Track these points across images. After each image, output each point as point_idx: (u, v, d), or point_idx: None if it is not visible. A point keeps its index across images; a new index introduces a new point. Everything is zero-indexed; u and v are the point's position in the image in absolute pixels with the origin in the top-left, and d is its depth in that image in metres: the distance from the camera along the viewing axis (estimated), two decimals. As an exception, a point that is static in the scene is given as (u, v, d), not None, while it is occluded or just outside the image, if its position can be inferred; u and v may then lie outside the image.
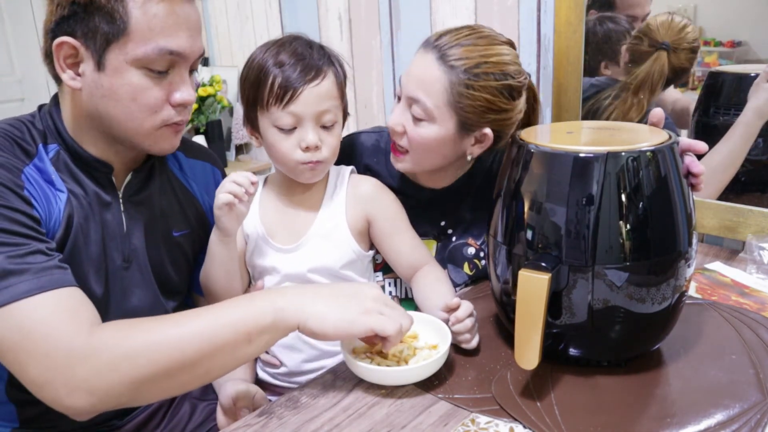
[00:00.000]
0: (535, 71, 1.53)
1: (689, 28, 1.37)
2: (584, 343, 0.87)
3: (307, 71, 1.00)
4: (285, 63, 1.01)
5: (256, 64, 1.03)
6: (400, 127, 1.08)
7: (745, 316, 1.00)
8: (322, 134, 1.03)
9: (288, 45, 1.04)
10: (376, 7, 1.86)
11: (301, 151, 1.02)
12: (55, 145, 0.94)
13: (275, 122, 1.02)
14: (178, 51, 0.88)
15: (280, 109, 1.00)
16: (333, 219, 1.09)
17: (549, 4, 1.46)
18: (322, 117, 1.02)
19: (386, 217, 1.12)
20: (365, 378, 0.88)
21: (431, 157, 1.10)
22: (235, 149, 2.56)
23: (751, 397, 0.80)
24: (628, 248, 0.80)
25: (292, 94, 0.99)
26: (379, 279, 1.21)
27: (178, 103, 0.91)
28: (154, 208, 1.03)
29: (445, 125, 1.05)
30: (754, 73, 1.30)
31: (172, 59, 0.88)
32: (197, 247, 1.11)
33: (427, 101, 1.03)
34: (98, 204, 0.96)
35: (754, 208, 1.27)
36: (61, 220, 0.90)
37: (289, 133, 1.02)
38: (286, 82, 0.99)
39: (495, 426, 0.79)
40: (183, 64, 0.91)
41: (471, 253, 1.19)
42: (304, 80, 1.00)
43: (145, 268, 1.01)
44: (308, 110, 1.00)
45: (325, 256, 1.08)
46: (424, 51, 1.06)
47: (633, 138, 0.86)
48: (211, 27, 2.54)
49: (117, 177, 0.98)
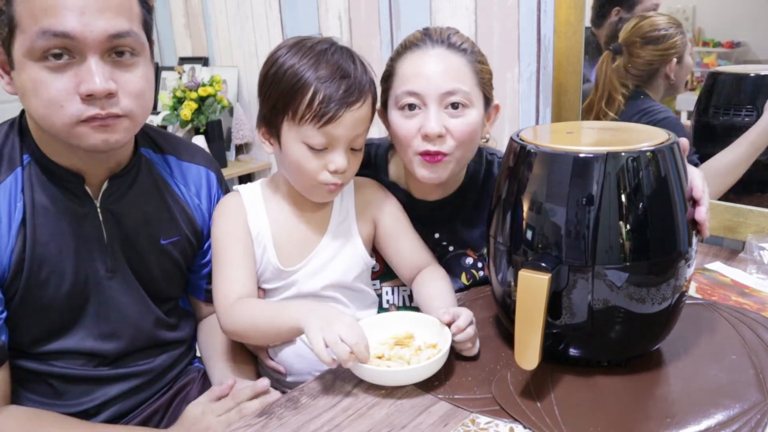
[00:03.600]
0: (535, 71, 1.53)
1: (644, 21, 1.37)
2: (584, 343, 0.87)
3: (350, 93, 0.94)
4: (327, 79, 0.93)
5: (289, 69, 0.95)
6: (443, 129, 1.01)
7: (745, 316, 1.00)
8: (350, 157, 0.99)
9: (329, 54, 0.96)
10: (376, 7, 1.86)
11: (328, 173, 0.97)
12: (27, 156, 0.92)
13: (307, 139, 0.95)
14: (64, 31, 0.79)
15: (315, 128, 0.94)
16: (345, 232, 1.07)
17: (549, 4, 1.46)
18: (355, 141, 0.98)
19: (391, 217, 1.10)
20: (365, 378, 0.88)
21: (471, 149, 1.08)
22: (235, 149, 2.56)
23: (751, 397, 0.80)
24: (628, 248, 0.80)
25: (332, 116, 0.93)
26: (377, 287, 1.19)
27: (84, 94, 0.82)
28: (138, 216, 1.00)
29: (478, 106, 1.05)
30: (753, 74, 1.30)
31: (64, 42, 0.80)
32: (189, 254, 1.08)
33: (464, 87, 1.02)
34: (71, 216, 0.93)
35: (754, 208, 1.27)
36: (14, 246, 0.89)
37: (319, 153, 0.96)
38: (328, 102, 0.93)
39: (495, 426, 0.79)
40: (85, 49, 0.81)
41: (469, 263, 1.19)
42: (346, 102, 0.94)
43: (130, 277, 1.00)
44: (344, 134, 0.95)
45: (337, 270, 1.06)
46: (426, 50, 1.04)
47: (633, 138, 0.86)
48: (211, 27, 2.54)
49: (92, 186, 0.95)
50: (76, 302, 0.96)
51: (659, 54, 1.37)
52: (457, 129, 1.02)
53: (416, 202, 1.18)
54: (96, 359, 0.99)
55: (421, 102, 1.02)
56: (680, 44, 1.36)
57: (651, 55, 1.38)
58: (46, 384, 0.97)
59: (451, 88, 1.01)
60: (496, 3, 1.57)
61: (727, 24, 1.38)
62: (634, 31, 1.38)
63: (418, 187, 1.17)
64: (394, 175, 1.19)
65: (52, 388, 0.97)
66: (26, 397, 0.96)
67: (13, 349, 0.93)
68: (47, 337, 0.95)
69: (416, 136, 1.03)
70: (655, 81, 1.40)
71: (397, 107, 1.05)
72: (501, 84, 1.60)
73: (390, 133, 1.10)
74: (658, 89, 1.41)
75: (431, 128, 1.00)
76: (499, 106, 1.13)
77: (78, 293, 0.95)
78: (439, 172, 1.05)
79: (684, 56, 1.37)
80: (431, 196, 1.17)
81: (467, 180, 1.18)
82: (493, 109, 1.12)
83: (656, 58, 1.38)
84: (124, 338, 1.01)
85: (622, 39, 1.40)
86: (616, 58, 1.40)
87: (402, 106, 1.04)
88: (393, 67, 1.07)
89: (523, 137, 0.88)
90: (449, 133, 1.02)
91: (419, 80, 1.02)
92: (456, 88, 1.01)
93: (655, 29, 1.37)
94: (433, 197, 1.17)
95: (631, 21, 1.40)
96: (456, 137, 1.02)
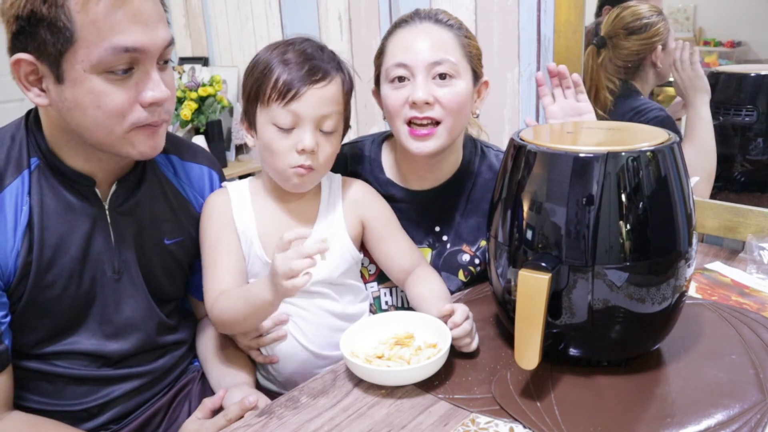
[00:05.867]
0: (535, 71, 1.52)
1: (625, 12, 1.38)
2: (584, 343, 0.87)
3: (314, 72, 0.98)
4: (292, 61, 0.99)
5: (261, 60, 1.01)
6: (431, 97, 1.05)
7: (745, 316, 1.00)
8: (320, 139, 1.00)
9: (297, 44, 1.02)
10: (376, 7, 1.86)
11: (296, 154, 0.99)
12: (35, 159, 0.92)
13: (274, 119, 0.99)
14: (134, 47, 0.82)
15: (281, 106, 0.98)
16: (332, 226, 1.08)
17: (549, 4, 1.46)
18: (323, 122, 1.00)
19: (379, 220, 1.11)
20: (365, 378, 0.88)
21: (461, 120, 1.10)
22: (235, 149, 2.56)
23: (751, 397, 0.80)
24: (628, 248, 0.80)
25: (295, 92, 0.97)
26: (375, 289, 1.20)
27: (148, 102, 0.86)
28: (144, 217, 1.01)
29: (466, 78, 1.09)
30: (754, 73, 1.30)
31: (132, 56, 0.83)
32: (192, 254, 1.09)
33: (451, 57, 1.06)
34: (80, 218, 0.94)
35: (754, 208, 1.27)
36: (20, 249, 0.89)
37: (287, 133, 0.99)
38: (290, 79, 0.97)
39: (495, 426, 0.79)
40: (146, 60, 0.85)
41: (466, 260, 1.19)
42: (309, 80, 0.98)
43: (137, 278, 1.00)
44: (310, 111, 0.98)
45: (325, 265, 1.04)
46: (414, 25, 1.09)
47: (633, 138, 0.86)
48: (211, 27, 2.54)
49: (102, 188, 0.96)
50: (82, 304, 0.96)
51: (644, 43, 1.38)
52: (445, 98, 1.06)
53: (413, 194, 1.18)
54: (100, 360, 0.99)
55: (409, 73, 1.06)
56: (663, 30, 1.37)
57: (636, 45, 1.38)
58: (49, 384, 0.97)
59: (438, 58, 1.06)
60: (496, 3, 1.57)
61: (728, 23, 1.38)
62: (616, 23, 1.39)
63: (413, 176, 1.18)
64: (389, 172, 1.20)
65: (55, 387, 0.98)
66: (28, 397, 0.96)
67: (17, 350, 0.93)
68: (52, 338, 0.96)
69: (404, 106, 1.07)
70: (643, 71, 1.40)
71: (388, 81, 1.09)
72: (501, 84, 1.60)
73: (383, 109, 1.14)
74: (647, 79, 1.41)
75: (418, 96, 1.05)
76: (488, 83, 1.16)
77: (84, 295, 0.96)
78: (428, 142, 1.08)
79: (668, 42, 1.37)
80: (426, 185, 1.18)
81: (462, 168, 1.19)
82: (482, 85, 1.15)
83: (641, 47, 1.38)
84: (128, 339, 1.01)
85: (605, 32, 1.40)
86: (601, 52, 1.41)
87: (392, 79, 1.08)
88: (384, 45, 1.12)
89: (523, 137, 0.88)
90: (438, 102, 1.06)
91: (407, 52, 1.07)
92: (443, 58, 1.06)
93: (638, 18, 1.37)
94: (428, 185, 1.18)
95: (612, 12, 1.40)
96: (444, 105, 1.06)
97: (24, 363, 0.95)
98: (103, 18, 0.80)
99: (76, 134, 0.88)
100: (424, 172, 1.17)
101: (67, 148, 0.92)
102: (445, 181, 1.18)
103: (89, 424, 1.00)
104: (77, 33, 0.80)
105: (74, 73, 0.82)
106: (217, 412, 0.98)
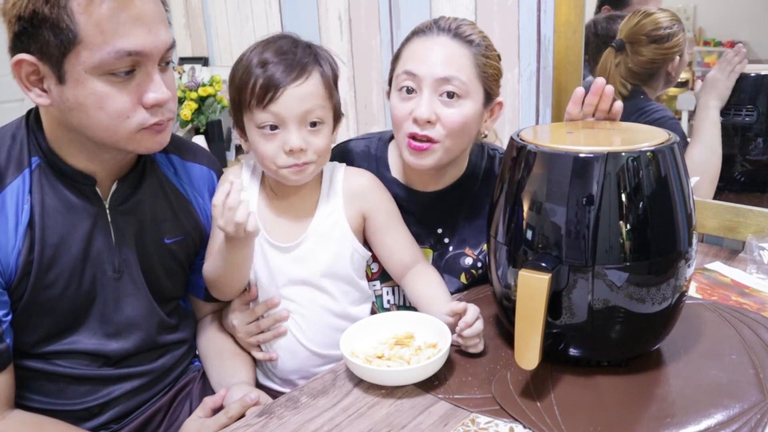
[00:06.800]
0: (535, 71, 1.52)
1: (647, 19, 1.37)
2: (584, 343, 0.87)
3: (290, 70, 0.98)
4: (268, 62, 0.98)
5: (240, 65, 1.01)
6: (433, 116, 1.03)
7: (745, 316, 1.00)
8: (308, 136, 1.00)
9: (273, 43, 1.01)
10: (376, 7, 1.86)
11: (284, 155, 0.99)
12: (36, 158, 0.92)
13: (259, 123, 0.99)
14: (137, 50, 0.83)
15: (261, 110, 0.97)
16: (331, 216, 1.08)
17: (549, 4, 1.46)
18: (307, 117, 0.99)
19: (381, 212, 1.10)
20: (365, 378, 0.89)
21: (462, 140, 1.09)
22: (235, 149, 2.56)
23: (751, 397, 0.80)
24: (628, 248, 0.80)
25: (273, 94, 0.96)
26: (377, 288, 1.20)
27: (151, 104, 0.87)
28: (145, 216, 1.01)
29: (476, 99, 1.06)
30: (754, 73, 1.30)
31: (134, 59, 0.83)
32: (192, 253, 1.10)
33: (461, 76, 1.03)
34: (81, 217, 0.94)
35: (754, 208, 1.27)
36: (21, 248, 0.89)
37: (273, 135, 0.99)
38: (267, 82, 0.97)
39: (495, 426, 0.79)
40: (148, 62, 0.85)
41: (468, 264, 1.19)
42: (286, 79, 0.97)
43: (137, 277, 1.00)
44: (291, 111, 0.97)
45: (327, 255, 1.06)
46: (431, 36, 1.06)
47: (633, 138, 0.86)
48: (211, 27, 2.54)
49: (102, 187, 0.96)
50: (83, 303, 0.96)
51: (664, 52, 1.37)
52: (448, 118, 1.04)
53: (417, 194, 1.18)
54: (101, 359, 0.99)
55: (417, 86, 1.05)
56: (683, 41, 1.36)
57: (655, 53, 1.37)
58: (50, 383, 0.97)
59: (447, 74, 1.03)
60: (496, 3, 1.57)
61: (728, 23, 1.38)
62: (637, 29, 1.38)
63: (418, 178, 1.18)
64: (394, 171, 1.20)
65: (56, 387, 0.98)
66: (29, 396, 0.96)
67: (18, 349, 0.93)
68: (53, 337, 0.96)
69: (408, 119, 1.06)
70: (656, 79, 1.39)
71: (397, 88, 1.08)
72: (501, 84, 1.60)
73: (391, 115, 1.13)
74: (657, 86, 1.40)
75: (421, 113, 1.03)
76: (503, 103, 1.14)
77: (85, 294, 0.96)
78: (424, 159, 1.07)
79: (685, 52, 1.37)
80: (430, 187, 1.18)
81: (468, 172, 1.19)
82: (496, 105, 1.12)
83: (661, 56, 1.37)
84: (129, 338, 1.01)
85: (624, 36, 1.39)
86: (618, 55, 1.40)
87: (400, 88, 1.07)
88: (400, 51, 1.11)
89: (523, 137, 0.88)
90: (440, 121, 1.04)
91: (419, 63, 1.05)
92: (452, 75, 1.03)
93: (659, 27, 1.36)
94: (432, 188, 1.18)
95: (632, 18, 1.39)
96: (446, 126, 1.04)
97: (25, 362, 0.95)
98: (106, 20, 0.80)
99: (78, 133, 0.89)
100: (427, 177, 1.17)
101: (68, 147, 0.92)
102: (450, 184, 1.18)
103: (90, 424, 1.00)
104: (80, 34, 0.80)
105: (76, 75, 0.82)
106: (217, 411, 0.98)
